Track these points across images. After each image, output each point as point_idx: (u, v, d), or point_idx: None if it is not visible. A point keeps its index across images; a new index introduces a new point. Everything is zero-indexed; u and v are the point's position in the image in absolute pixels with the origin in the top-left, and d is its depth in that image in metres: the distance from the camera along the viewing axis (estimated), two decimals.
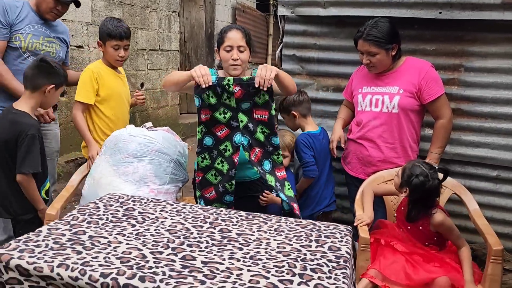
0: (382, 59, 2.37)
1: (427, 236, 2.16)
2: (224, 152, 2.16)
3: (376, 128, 2.45)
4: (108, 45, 2.64)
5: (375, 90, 2.46)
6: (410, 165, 2.14)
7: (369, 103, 2.47)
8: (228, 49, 2.21)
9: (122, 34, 2.63)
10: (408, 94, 2.38)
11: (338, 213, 3.10)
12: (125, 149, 2.23)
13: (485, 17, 2.51)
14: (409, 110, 2.40)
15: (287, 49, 3.06)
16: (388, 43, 2.34)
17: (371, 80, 2.50)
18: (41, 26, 2.67)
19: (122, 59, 2.69)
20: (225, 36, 2.24)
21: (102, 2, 5.09)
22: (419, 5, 2.61)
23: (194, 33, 7.67)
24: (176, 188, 2.39)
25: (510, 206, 2.66)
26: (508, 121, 2.59)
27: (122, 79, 2.80)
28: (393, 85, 2.42)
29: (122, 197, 1.98)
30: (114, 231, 1.63)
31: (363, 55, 2.41)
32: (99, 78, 2.63)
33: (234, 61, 2.20)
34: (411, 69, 2.42)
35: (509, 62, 2.57)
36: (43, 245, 1.47)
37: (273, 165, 2.14)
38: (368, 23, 2.38)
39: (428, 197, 2.11)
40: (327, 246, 1.59)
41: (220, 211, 1.91)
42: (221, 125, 2.13)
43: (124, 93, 2.78)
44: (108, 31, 2.62)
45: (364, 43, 2.36)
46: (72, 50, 4.75)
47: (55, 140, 2.87)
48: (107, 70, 2.70)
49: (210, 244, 1.57)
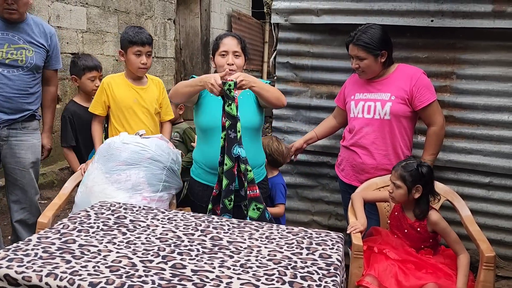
0: (370, 64, 2.39)
1: (424, 238, 2.16)
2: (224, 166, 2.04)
3: (368, 134, 2.46)
4: (129, 52, 2.57)
5: (367, 97, 2.48)
6: (400, 168, 2.14)
7: (361, 109, 2.48)
8: (224, 53, 2.23)
9: (144, 40, 2.56)
10: (400, 101, 2.40)
11: (333, 220, 3.11)
12: (118, 156, 2.23)
13: (476, 25, 2.53)
14: (401, 117, 2.42)
15: (281, 57, 3.07)
16: (376, 49, 2.35)
17: (364, 87, 2.51)
18: (7, 33, 2.55)
19: (145, 66, 2.59)
20: (220, 42, 2.26)
21: (97, 9, 5.11)
22: (411, 13, 2.63)
23: (190, 40, 7.70)
24: (169, 195, 2.39)
25: (502, 212, 2.67)
26: (500, 128, 2.61)
27: (140, 91, 2.63)
28: (385, 92, 2.43)
29: (114, 205, 1.98)
30: (105, 239, 1.62)
31: (353, 59, 2.44)
32: (108, 89, 2.60)
33: (229, 66, 2.21)
34: (403, 75, 2.43)
35: (500, 69, 2.59)
36: (32, 254, 1.47)
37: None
38: (360, 28, 2.41)
39: (433, 182, 2.17)
40: (318, 254, 1.59)
41: (212, 219, 1.91)
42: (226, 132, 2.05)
43: (139, 106, 2.61)
44: (129, 38, 2.56)
45: (354, 47, 2.39)
46: (68, 57, 4.76)
47: (31, 151, 2.73)
48: (120, 82, 2.63)
49: (201, 252, 1.57)
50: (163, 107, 2.73)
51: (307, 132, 3.03)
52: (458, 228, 2.52)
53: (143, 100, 2.63)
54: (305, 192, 3.12)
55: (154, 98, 2.67)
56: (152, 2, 6.17)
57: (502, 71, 2.58)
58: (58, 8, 4.56)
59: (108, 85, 2.61)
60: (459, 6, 2.54)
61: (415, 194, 2.12)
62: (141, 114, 2.61)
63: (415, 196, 2.13)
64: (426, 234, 2.16)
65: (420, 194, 2.12)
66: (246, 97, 2.27)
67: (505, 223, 2.68)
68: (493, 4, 2.48)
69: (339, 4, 2.79)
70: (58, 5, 4.55)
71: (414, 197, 2.13)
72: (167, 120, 2.78)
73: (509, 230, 2.68)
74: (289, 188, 3.02)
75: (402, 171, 2.13)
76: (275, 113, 3.12)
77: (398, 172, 2.15)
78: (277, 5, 2.96)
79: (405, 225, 2.20)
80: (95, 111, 2.64)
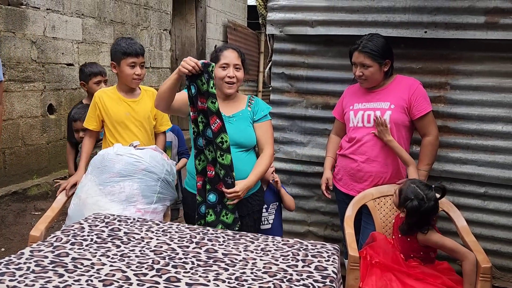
0: (374, 72, 2.40)
1: (414, 248, 2.18)
2: (222, 145, 2.08)
3: (368, 143, 2.45)
4: (123, 64, 2.54)
5: (367, 106, 2.48)
6: (406, 186, 2.15)
7: (361, 119, 2.48)
8: (224, 66, 2.23)
9: (138, 51, 2.56)
10: (399, 109, 2.41)
11: (329, 230, 3.09)
12: (112, 168, 2.22)
13: (469, 36, 2.55)
14: (400, 126, 2.42)
15: (276, 67, 3.08)
16: (381, 57, 2.39)
17: (362, 96, 2.52)
18: None
19: (139, 77, 2.58)
20: (221, 54, 2.26)
21: (93, 20, 5.12)
22: (405, 24, 2.65)
23: (186, 50, 7.72)
24: (164, 207, 2.37)
25: (498, 222, 2.67)
26: (494, 138, 2.62)
27: (132, 104, 2.62)
28: (384, 101, 2.44)
29: (108, 217, 1.96)
30: (98, 252, 1.61)
31: (357, 67, 2.44)
32: (99, 103, 2.60)
33: (230, 78, 2.22)
34: (401, 85, 2.46)
35: (494, 80, 2.60)
36: (25, 267, 1.45)
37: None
38: (365, 37, 2.44)
39: (425, 218, 2.11)
40: (314, 266, 1.58)
41: (207, 231, 1.89)
42: (214, 116, 2.08)
43: (132, 119, 2.60)
44: (122, 50, 2.54)
45: (359, 54, 2.40)
46: (63, 68, 4.76)
47: None
48: (112, 95, 2.62)
49: (196, 265, 1.55)
50: (158, 118, 2.72)
51: (302, 142, 3.04)
52: (454, 239, 2.51)
53: (136, 113, 2.61)
54: (300, 203, 3.10)
55: (147, 110, 2.65)
56: (148, 13, 6.19)
57: (496, 81, 2.60)
58: (53, 19, 4.56)
59: (99, 99, 2.61)
60: (452, 17, 2.56)
61: (402, 212, 2.18)
62: (133, 128, 2.60)
63: (401, 215, 2.19)
64: (416, 245, 2.16)
65: (404, 215, 2.16)
66: (242, 118, 2.29)
67: (501, 233, 2.67)
68: (486, 16, 2.51)
69: (334, 15, 2.81)
70: (53, 16, 4.56)
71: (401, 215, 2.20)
72: (162, 131, 2.77)
73: (505, 240, 2.67)
74: None
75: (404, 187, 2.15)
76: None
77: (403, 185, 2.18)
78: (272, 16, 2.97)
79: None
80: (89, 126, 2.64)
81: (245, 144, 2.26)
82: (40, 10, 4.38)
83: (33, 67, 4.39)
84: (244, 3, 10.39)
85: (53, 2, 4.53)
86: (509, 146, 2.60)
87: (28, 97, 4.38)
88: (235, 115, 2.29)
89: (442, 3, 2.57)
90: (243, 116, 2.30)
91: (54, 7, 4.55)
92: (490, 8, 2.49)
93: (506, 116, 2.59)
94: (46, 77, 4.54)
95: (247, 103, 2.35)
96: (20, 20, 4.17)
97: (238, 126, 2.25)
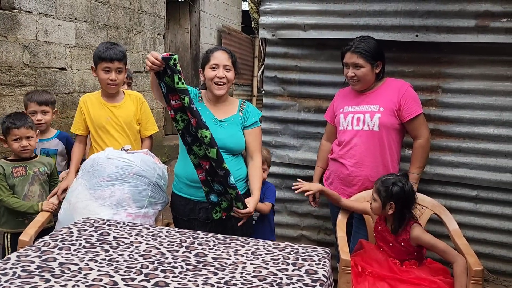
0: (366, 73, 2.40)
1: (409, 251, 2.19)
2: (203, 139, 1.96)
3: (357, 146, 2.46)
4: (99, 68, 2.54)
5: (356, 109, 2.49)
6: (379, 182, 2.20)
7: (350, 121, 2.49)
8: (214, 67, 2.21)
9: (113, 56, 2.52)
10: (389, 112, 2.41)
11: (322, 234, 3.08)
12: (102, 172, 2.20)
13: (460, 40, 2.56)
14: (390, 129, 2.42)
15: (268, 71, 3.08)
16: (373, 58, 2.40)
17: (353, 99, 2.53)
18: None
19: (113, 82, 2.54)
20: (211, 55, 2.25)
21: (86, 24, 5.11)
22: (396, 28, 2.66)
23: (180, 55, 7.71)
24: (155, 211, 2.35)
25: (490, 225, 2.67)
26: (486, 141, 2.63)
27: (113, 109, 2.60)
28: (373, 104, 2.45)
29: (98, 221, 1.94)
30: (86, 257, 1.59)
31: (349, 68, 2.44)
32: (83, 107, 2.60)
33: (220, 79, 2.21)
34: (391, 88, 2.46)
35: (485, 83, 2.61)
36: (11, 273, 1.43)
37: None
38: (357, 38, 2.45)
39: (410, 201, 2.19)
40: (304, 269, 1.57)
41: (197, 235, 1.88)
42: (188, 112, 1.97)
43: (113, 124, 2.59)
44: (98, 54, 2.53)
45: (352, 55, 2.40)
46: (55, 72, 4.74)
47: None
48: (95, 100, 2.61)
49: (185, 269, 1.54)
50: (142, 122, 2.71)
51: (295, 146, 3.03)
52: (446, 242, 2.51)
53: (116, 117, 2.60)
54: (293, 207, 3.10)
55: (130, 114, 2.64)
56: (141, 17, 6.19)
57: (487, 85, 2.61)
58: (46, 23, 4.54)
59: (84, 104, 2.61)
60: (443, 21, 2.58)
61: (389, 210, 2.17)
62: (114, 132, 2.59)
63: (389, 212, 2.18)
64: (411, 248, 2.17)
65: (393, 210, 2.16)
66: (233, 123, 2.29)
67: (493, 236, 2.67)
68: (476, 19, 2.52)
69: (326, 19, 2.81)
70: (46, 20, 4.54)
71: (388, 212, 2.18)
72: (147, 135, 2.75)
73: (497, 244, 2.67)
74: (278, 203, 3.00)
75: (379, 185, 2.19)
76: (263, 127, 3.11)
77: (376, 185, 2.21)
78: (265, 20, 2.98)
79: (390, 238, 2.21)
80: (76, 131, 2.64)
81: (234, 149, 2.26)
82: (33, 14, 4.36)
83: (25, 71, 4.36)
84: (238, 7, 10.41)
85: (45, 6, 4.51)
86: (500, 149, 2.60)
87: (20, 102, 4.34)
88: (227, 119, 2.28)
89: (433, 7, 2.58)
90: (234, 121, 2.29)
91: (47, 11, 4.54)
92: (480, 12, 2.51)
93: (497, 119, 2.60)
94: (38, 82, 4.51)
95: (239, 108, 2.34)
96: (12, 24, 4.15)
97: (229, 131, 2.25)
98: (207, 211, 2.21)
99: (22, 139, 2.48)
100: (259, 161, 2.31)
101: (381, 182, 2.19)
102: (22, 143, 2.48)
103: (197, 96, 2.31)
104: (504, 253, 2.66)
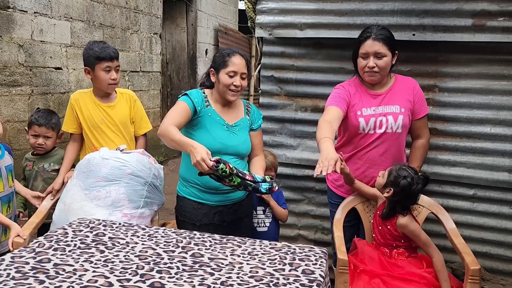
0: (388, 63, 2.26)
1: (395, 236, 2.21)
2: (231, 182, 2.02)
3: (377, 148, 2.35)
4: (98, 69, 2.48)
5: (377, 112, 2.33)
6: (397, 167, 2.20)
7: (373, 126, 2.33)
8: (232, 74, 2.16)
9: (112, 55, 2.49)
10: (408, 112, 2.34)
11: (319, 234, 3.07)
12: (98, 172, 2.18)
13: (457, 39, 2.56)
14: (406, 128, 2.37)
15: (265, 70, 3.07)
16: (394, 48, 2.29)
17: (370, 100, 2.36)
18: None
19: (114, 81, 2.52)
20: (229, 60, 2.17)
21: (82, 24, 5.08)
22: (393, 27, 2.64)
23: (176, 54, 7.69)
24: (151, 211, 2.34)
25: (487, 224, 2.67)
26: (483, 140, 2.62)
27: (107, 109, 2.59)
28: (393, 104, 2.33)
29: (93, 222, 1.92)
30: (81, 258, 1.57)
31: (367, 59, 2.25)
32: (75, 106, 2.57)
33: (236, 87, 2.17)
34: (405, 86, 2.38)
35: (482, 82, 2.61)
36: (4, 274, 1.41)
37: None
38: (372, 26, 2.31)
39: (409, 200, 2.20)
40: (301, 270, 1.56)
41: (193, 235, 1.87)
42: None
43: (108, 124, 2.57)
44: (96, 54, 2.47)
45: (374, 42, 2.22)
46: (51, 72, 4.71)
47: None
48: (88, 100, 2.58)
49: (181, 270, 1.52)
50: (136, 121, 2.69)
51: (292, 145, 3.02)
52: (444, 241, 2.51)
53: (111, 118, 2.58)
54: (291, 206, 3.08)
55: (124, 114, 2.62)
56: (138, 16, 6.16)
57: (483, 84, 2.61)
58: (41, 23, 4.52)
59: (75, 101, 2.58)
60: (439, 20, 2.57)
61: (386, 193, 2.21)
62: (110, 133, 2.57)
63: (384, 195, 2.22)
64: (397, 232, 2.21)
65: (389, 195, 2.19)
66: (243, 127, 2.29)
67: (490, 235, 2.67)
68: (473, 18, 2.51)
69: (322, 18, 2.80)
70: (41, 19, 4.51)
71: (383, 194, 2.23)
72: (141, 134, 2.73)
73: (494, 243, 2.67)
74: None
75: (395, 169, 2.20)
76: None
77: (393, 166, 2.23)
78: (261, 19, 2.96)
79: (379, 222, 2.27)
80: (68, 130, 2.61)
81: (245, 153, 2.29)
82: (28, 13, 4.33)
83: (21, 71, 4.33)
84: (235, 7, 10.39)
85: (41, 6, 4.48)
86: (497, 148, 2.60)
87: (15, 101, 4.32)
88: (237, 124, 2.27)
89: (430, 6, 2.58)
90: (244, 125, 2.29)
91: (42, 11, 4.51)
92: (477, 11, 2.50)
93: (494, 118, 2.60)
94: (33, 81, 4.48)
95: (245, 110, 2.34)
96: (7, 23, 4.12)
97: (241, 137, 2.26)
98: (222, 214, 2.22)
99: (40, 137, 2.58)
100: (263, 156, 2.41)
101: (398, 168, 2.19)
102: (38, 140, 2.58)
103: (203, 101, 2.22)
104: (501, 252, 2.66)
